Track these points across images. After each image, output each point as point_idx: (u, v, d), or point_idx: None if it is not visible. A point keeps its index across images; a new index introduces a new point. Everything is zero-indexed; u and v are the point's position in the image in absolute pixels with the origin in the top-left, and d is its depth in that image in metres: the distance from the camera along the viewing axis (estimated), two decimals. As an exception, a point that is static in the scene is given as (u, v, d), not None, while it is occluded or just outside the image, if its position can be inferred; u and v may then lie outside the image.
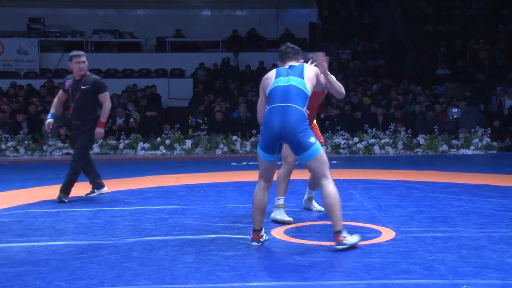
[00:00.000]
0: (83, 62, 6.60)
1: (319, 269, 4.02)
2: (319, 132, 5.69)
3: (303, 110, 4.55)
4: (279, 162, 4.91)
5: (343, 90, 5.21)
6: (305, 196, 6.03)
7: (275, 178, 5.17)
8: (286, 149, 5.29)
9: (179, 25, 18.64)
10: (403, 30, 18.87)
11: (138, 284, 3.77)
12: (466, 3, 19.79)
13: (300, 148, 4.50)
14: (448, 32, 18.03)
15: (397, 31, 19.17)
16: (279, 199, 5.48)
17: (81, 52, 6.69)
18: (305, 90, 4.60)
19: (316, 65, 4.98)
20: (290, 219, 5.42)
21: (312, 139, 4.51)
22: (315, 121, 5.66)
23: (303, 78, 4.64)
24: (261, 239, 4.65)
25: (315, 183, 5.67)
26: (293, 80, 4.62)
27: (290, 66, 4.78)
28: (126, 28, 18.66)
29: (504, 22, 18.29)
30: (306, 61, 5.08)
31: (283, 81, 4.65)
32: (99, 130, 6.64)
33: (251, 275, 3.90)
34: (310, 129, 4.58)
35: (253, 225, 4.67)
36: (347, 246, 4.42)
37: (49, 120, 6.69)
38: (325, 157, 4.60)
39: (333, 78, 5.10)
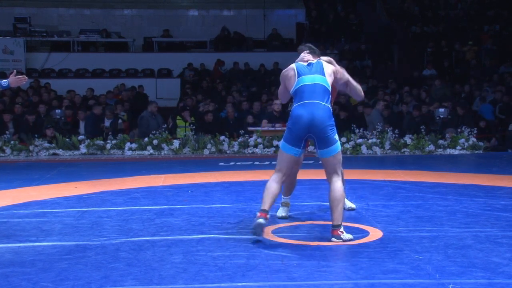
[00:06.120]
0: None
1: (307, 269, 4.03)
2: None
3: (329, 106, 4.76)
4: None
5: (362, 93, 5.25)
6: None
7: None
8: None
9: (166, 25, 18.59)
10: (389, 31, 18.92)
11: (126, 285, 3.76)
12: (451, 4, 19.90)
13: (325, 142, 4.69)
14: (434, 33, 18.12)
15: (383, 31, 19.21)
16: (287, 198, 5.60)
17: None
18: (328, 87, 4.80)
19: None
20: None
21: (337, 136, 4.75)
22: None
23: (324, 75, 4.82)
24: (266, 218, 4.69)
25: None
26: (318, 79, 4.79)
27: (309, 64, 4.89)
28: (113, 28, 18.58)
29: (488, 23, 18.43)
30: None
31: (309, 80, 4.79)
32: None
33: (238, 275, 3.90)
34: (335, 126, 4.78)
35: (261, 205, 4.70)
36: (341, 240, 4.61)
37: None
38: (341, 156, 4.82)
39: (352, 80, 5.14)
